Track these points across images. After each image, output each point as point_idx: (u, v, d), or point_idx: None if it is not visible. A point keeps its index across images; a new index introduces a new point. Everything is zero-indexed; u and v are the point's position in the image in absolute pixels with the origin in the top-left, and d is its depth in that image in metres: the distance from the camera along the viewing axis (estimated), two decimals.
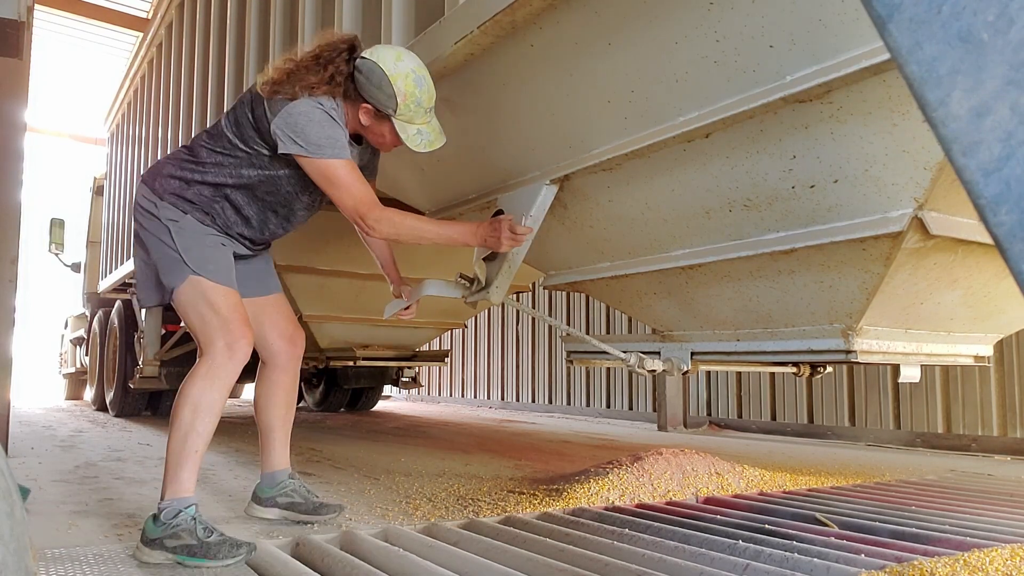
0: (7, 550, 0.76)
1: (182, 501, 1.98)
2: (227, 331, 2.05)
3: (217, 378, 2.03)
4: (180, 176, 2.10)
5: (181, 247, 2.05)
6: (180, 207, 2.08)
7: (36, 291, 11.93)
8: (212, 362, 2.03)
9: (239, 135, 2.07)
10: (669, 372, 2.36)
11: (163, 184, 2.10)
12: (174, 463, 2.01)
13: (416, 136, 2.07)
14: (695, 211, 1.98)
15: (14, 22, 2.40)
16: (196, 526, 1.93)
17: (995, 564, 1.81)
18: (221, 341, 2.04)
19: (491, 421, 7.67)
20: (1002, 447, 4.80)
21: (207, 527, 1.95)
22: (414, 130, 2.06)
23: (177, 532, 1.92)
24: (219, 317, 2.05)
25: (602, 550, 1.97)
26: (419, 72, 2.03)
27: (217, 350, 2.04)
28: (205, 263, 2.06)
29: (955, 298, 1.96)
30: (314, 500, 2.38)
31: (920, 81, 0.53)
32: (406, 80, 2.00)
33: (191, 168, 2.10)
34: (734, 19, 1.55)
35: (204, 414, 2.01)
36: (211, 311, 2.05)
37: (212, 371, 2.03)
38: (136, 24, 7.66)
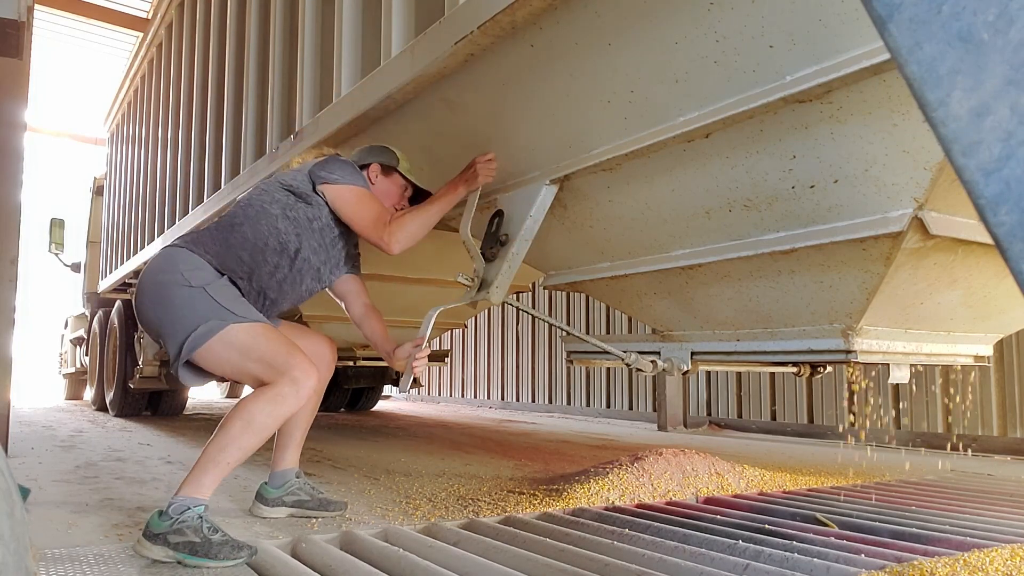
0: (7, 550, 0.76)
1: (194, 500, 1.99)
2: (295, 365, 2.09)
3: (279, 405, 2.07)
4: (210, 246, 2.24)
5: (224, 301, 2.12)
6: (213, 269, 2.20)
7: (36, 291, 11.93)
8: (280, 389, 2.07)
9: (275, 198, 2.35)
10: (669, 372, 2.36)
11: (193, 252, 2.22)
12: (203, 466, 2.03)
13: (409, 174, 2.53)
14: (695, 211, 1.98)
15: (14, 22, 2.40)
16: (202, 524, 1.94)
17: (995, 564, 1.81)
18: (289, 372, 2.07)
19: (491, 421, 7.67)
20: (1002, 447, 4.80)
21: (213, 527, 1.95)
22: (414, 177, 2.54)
23: (182, 528, 1.92)
24: (282, 353, 2.10)
25: (602, 550, 1.97)
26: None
27: (286, 380, 2.07)
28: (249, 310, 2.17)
29: (955, 298, 1.96)
30: (320, 496, 2.45)
31: (920, 81, 0.53)
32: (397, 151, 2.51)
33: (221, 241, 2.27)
34: (734, 19, 1.55)
35: (253, 433, 2.05)
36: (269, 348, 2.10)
37: (277, 397, 2.07)
38: (136, 24, 7.66)
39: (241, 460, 2.06)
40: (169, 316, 2.12)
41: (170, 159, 5.70)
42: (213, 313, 2.09)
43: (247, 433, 2.04)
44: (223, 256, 2.21)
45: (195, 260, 2.17)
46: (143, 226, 6.41)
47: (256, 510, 2.45)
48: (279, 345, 2.11)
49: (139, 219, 6.60)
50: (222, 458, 2.02)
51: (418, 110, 2.48)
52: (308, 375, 2.10)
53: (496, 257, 2.32)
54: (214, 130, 4.67)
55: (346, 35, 2.85)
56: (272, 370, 2.09)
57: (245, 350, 2.10)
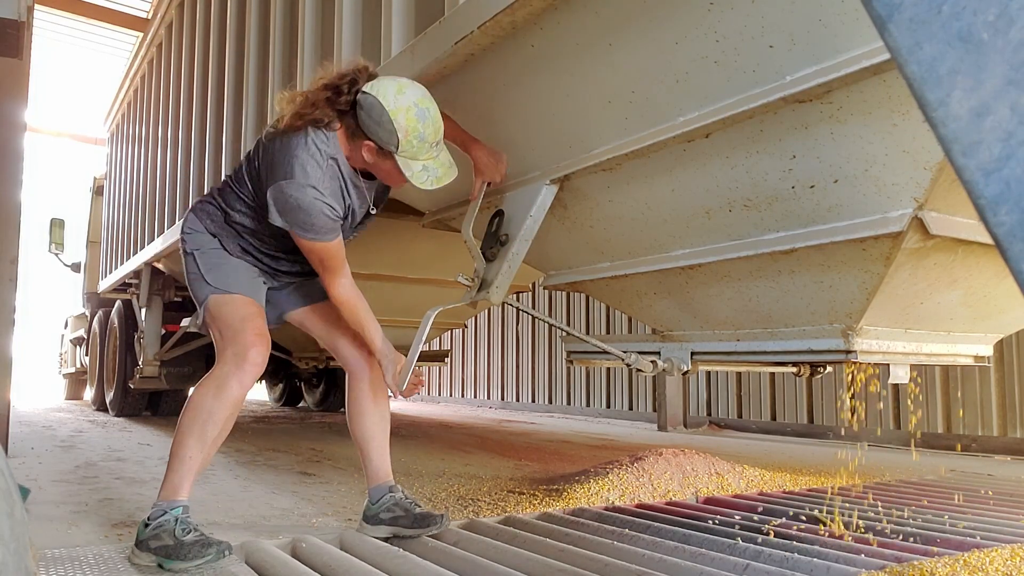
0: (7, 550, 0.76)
1: (171, 503, 1.97)
2: (235, 340, 2.05)
3: (222, 387, 2.02)
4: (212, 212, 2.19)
5: (203, 268, 2.13)
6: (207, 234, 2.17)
7: (36, 291, 11.93)
8: (219, 370, 2.04)
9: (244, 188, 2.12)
10: (669, 372, 2.35)
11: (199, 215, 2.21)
12: (170, 466, 2.01)
13: (422, 173, 1.97)
14: (695, 211, 1.98)
15: (14, 22, 2.40)
16: (176, 526, 1.91)
17: (995, 564, 1.81)
18: (229, 350, 2.05)
19: (491, 421, 7.67)
20: (1002, 447, 4.80)
21: (187, 528, 1.91)
22: (419, 167, 1.96)
23: (159, 533, 1.91)
24: (231, 328, 2.07)
25: (602, 550, 1.97)
26: (422, 105, 1.91)
27: (225, 359, 2.05)
28: (224, 277, 2.12)
29: (955, 298, 1.96)
30: (416, 511, 2.20)
31: (920, 81, 0.53)
32: (407, 115, 1.89)
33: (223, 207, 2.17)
34: (734, 19, 1.55)
35: (203, 421, 2.00)
36: (224, 323, 2.09)
37: (218, 379, 2.03)
38: (136, 24, 7.65)
39: (204, 451, 2.01)
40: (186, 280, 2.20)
41: (170, 159, 5.70)
42: (198, 283, 2.14)
43: (197, 422, 2.00)
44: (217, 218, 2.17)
45: (193, 222, 2.20)
46: (143, 226, 6.41)
47: (363, 529, 2.24)
48: (232, 319, 2.08)
49: (139, 219, 6.60)
50: (183, 453, 2.00)
51: None
52: (249, 346, 2.03)
53: (496, 257, 2.32)
54: (214, 130, 4.67)
55: (346, 35, 2.85)
56: (221, 343, 2.09)
57: (213, 320, 2.11)
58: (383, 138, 1.92)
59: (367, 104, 1.91)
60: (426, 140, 1.93)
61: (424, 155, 1.95)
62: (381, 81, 1.94)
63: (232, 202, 2.15)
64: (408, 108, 1.89)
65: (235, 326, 2.07)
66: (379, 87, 1.91)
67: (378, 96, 1.90)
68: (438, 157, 1.99)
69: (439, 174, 2.00)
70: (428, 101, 1.94)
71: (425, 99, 1.94)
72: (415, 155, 1.95)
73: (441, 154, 2.00)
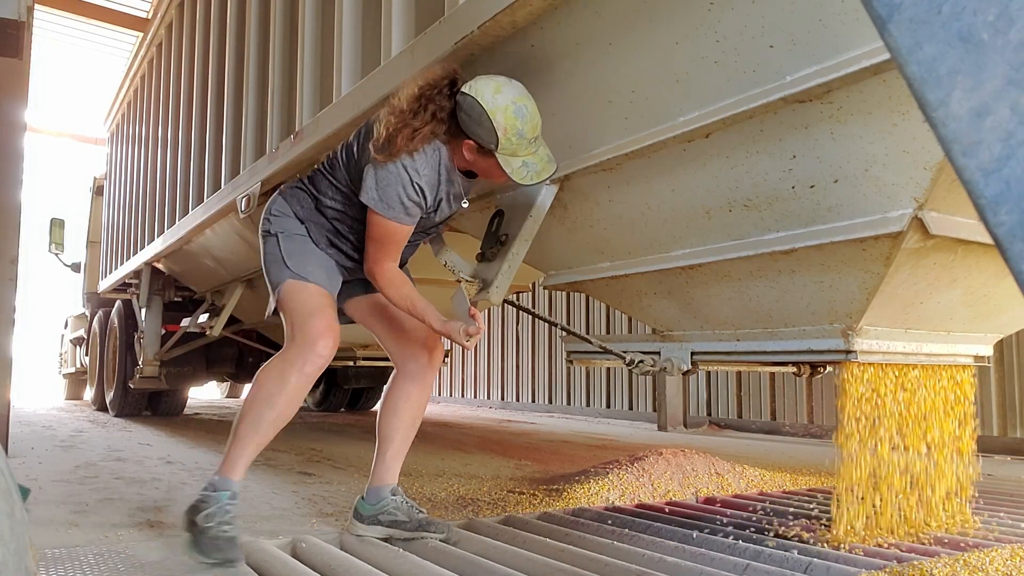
0: (7, 550, 0.76)
1: (222, 482, 2.01)
2: (304, 329, 2.06)
3: (284, 372, 2.04)
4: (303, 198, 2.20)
5: (285, 251, 2.13)
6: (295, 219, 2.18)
7: (36, 291, 11.93)
8: (285, 356, 2.06)
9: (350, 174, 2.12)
10: (669, 372, 2.36)
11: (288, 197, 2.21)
12: (229, 443, 2.05)
13: (522, 169, 1.98)
14: (695, 211, 1.98)
15: (14, 22, 2.40)
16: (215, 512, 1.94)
17: (995, 564, 1.81)
18: (299, 338, 2.06)
19: (491, 421, 7.67)
20: (1002, 447, 4.80)
21: (224, 519, 1.94)
22: (519, 163, 1.98)
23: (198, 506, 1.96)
24: (302, 316, 2.08)
25: (602, 550, 1.97)
26: (520, 102, 1.93)
27: (293, 346, 2.06)
28: (303, 265, 2.12)
29: (955, 298, 1.96)
30: (418, 517, 2.19)
31: (920, 81, 0.53)
32: (505, 113, 1.91)
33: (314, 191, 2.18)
34: (734, 19, 1.55)
35: (262, 403, 2.02)
36: (297, 310, 2.09)
37: (282, 365, 2.05)
38: (136, 24, 7.65)
39: (260, 433, 2.03)
40: (263, 261, 2.20)
41: (170, 159, 5.70)
42: (276, 266, 2.14)
43: (256, 404, 2.02)
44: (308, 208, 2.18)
45: (282, 205, 2.20)
46: (143, 226, 6.41)
47: (352, 528, 2.22)
48: (305, 307, 2.09)
49: (139, 219, 6.60)
50: (239, 432, 2.03)
51: None
52: (318, 337, 2.05)
53: (496, 257, 2.32)
54: (214, 130, 4.67)
55: (346, 35, 2.85)
56: (291, 329, 2.09)
57: (286, 305, 2.12)
58: (483, 137, 1.95)
59: (466, 105, 1.94)
60: (525, 136, 1.95)
61: (524, 151, 1.97)
62: (479, 80, 1.96)
63: (324, 188, 2.16)
64: (506, 107, 1.92)
65: (306, 315, 2.08)
66: (477, 87, 1.94)
67: (477, 96, 1.92)
68: (537, 152, 2.01)
69: (538, 169, 2.01)
70: (526, 98, 1.96)
71: (523, 96, 1.95)
72: (515, 152, 1.96)
73: (540, 149, 2.02)
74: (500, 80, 1.96)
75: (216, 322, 5.53)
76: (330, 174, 2.16)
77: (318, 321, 2.07)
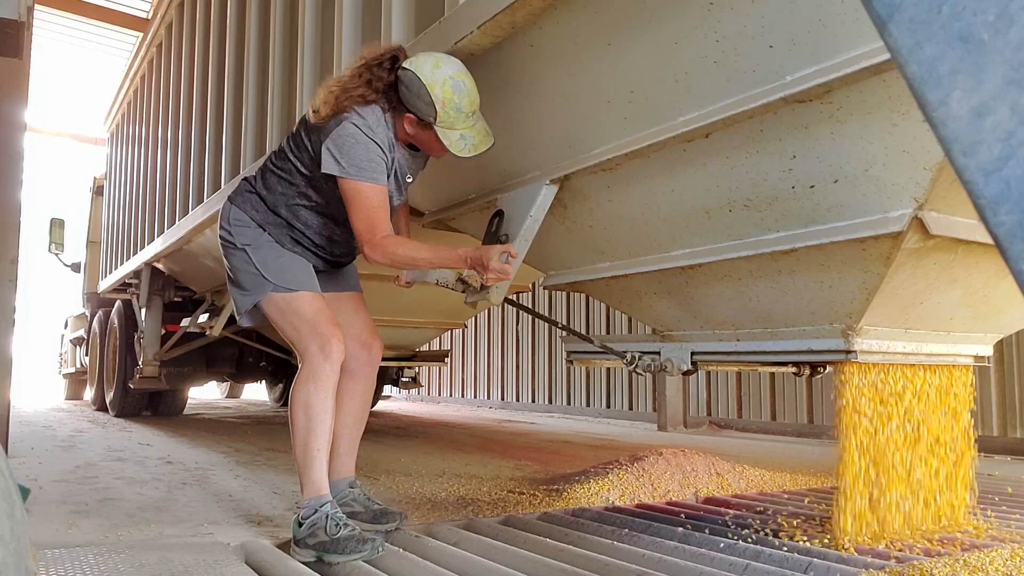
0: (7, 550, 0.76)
1: (318, 500, 2.06)
2: (317, 334, 2.12)
3: (318, 380, 2.10)
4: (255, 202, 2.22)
5: (260, 264, 2.16)
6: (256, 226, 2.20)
7: (36, 291, 11.93)
8: (310, 365, 2.12)
9: (301, 159, 2.14)
10: (669, 372, 2.36)
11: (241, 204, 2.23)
12: (302, 466, 2.10)
13: (460, 141, 2.07)
14: (695, 211, 1.98)
15: (14, 22, 2.40)
16: (328, 523, 1.99)
17: (995, 564, 1.81)
18: (314, 345, 2.12)
19: (491, 421, 7.67)
20: (1002, 447, 4.80)
21: (339, 522, 2.00)
22: (456, 135, 2.06)
23: (315, 531, 2.00)
24: (307, 323, 2.14)
25: (602, 550, 1.97)
26: (458, 77, 2.02)
27: (312, 354, 2.12)
28: (283, 274, 2.16)
29: (955, 298, 1.96)
30: (374, 508, 2.30)
31: (920, 81, 0.53)
32: (444, 87, 2.00)
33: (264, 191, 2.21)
34: (734, 19, 1.55)
35: (316, 415, 2.09)
36: (299, 319, 2.14)
37: (312, 374, 2.11)
38: (136, 24, 7.65)
39: (327, 440, 2.11)
40: (230, 275, 2.24)
41: (170, 159, 5.70)
42: (254, 280, 2.17)
43: (310, 418, 2.09)
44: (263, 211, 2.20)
45: (238, 214, 2.22)
46: (143, 226, 6.41)
47: None
48: (306, 315, 2.15)
49: (139, 219, 6.60)
50: (309, 451, 2.09)
51: None
52: (331, 336, 2.12)
53: None
54: (214, 130, 4.67)
55: (346, 35, 2.85)
56: (300, 340, 2.14)
57: (280, 315, 2.17)
58: (423, 110, 2.04)
59: (407, 79, 2.03)
60: (463, 111, 2.03)
61: (461, 124, 2.06)
62: (419, 56, 2.06)
63: (274, 185, 2.19)
64: (444, 81, 2.00)
65: (311, 321, 2.13)
66: (417, 62, 2.03)
67: (416, 71, 2.02)
68: (475, 126, 2.08)
69: (475, 142, 2.09)
70: (464, 74, 2.04)
71: (461, 73, 2.03)
72: (452, 125, 2.05)
73: (478, 123, 2.09)
74: (440, 56, 2.06)
75: (216, 322, 5.54)
76: (280, 169, 2.19)
77: (324, 324, 2.13)
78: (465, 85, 2.03)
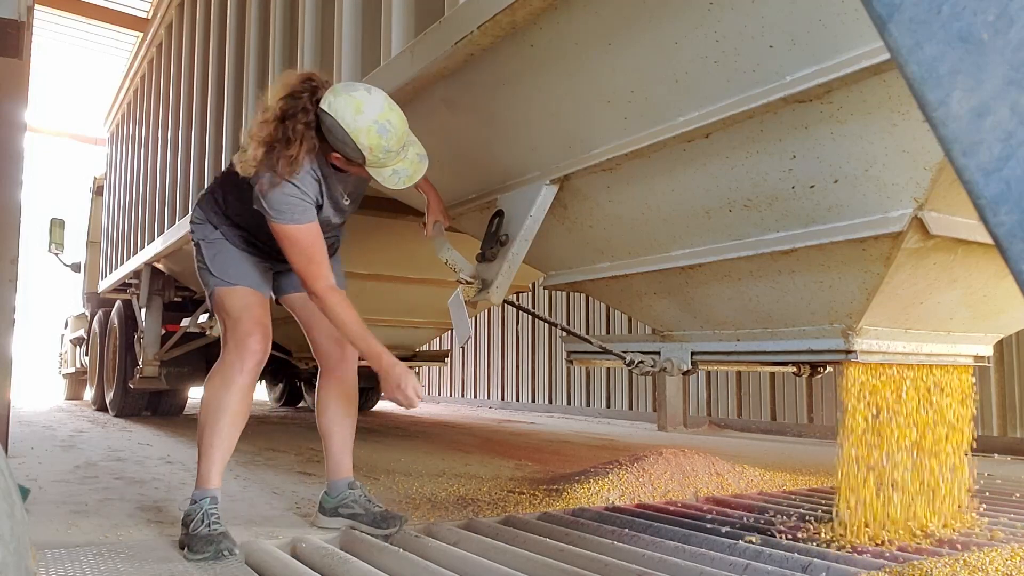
0: (7, 550, 0.76)
1: (201, 493, 2.11)
2: (235, 330, 2.16)
3: (225, 376, 2.14)
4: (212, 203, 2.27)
5: (208, 258, 2.23)
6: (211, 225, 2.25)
7: (36, 291, 11.92)
8: (222, 361, 2.16)
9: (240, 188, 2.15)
10: (669, 372, 2.36)
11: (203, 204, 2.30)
12: (199, 458, 2.15)
13: (392, 177, 2.00)
14: (695, 211, 1.98)
15: (14, 22, 2.40)
16: (198, 517, 2.02)
17: (995, 564, 1.81)
18: (231, 340, 2.16)
19: (491, 421, 7.67)
20: (1002, 447, 4.80)
21: (208, 520, 2.02)
22: (388, 171, 1.99)
23: (185, 522, 2.04)
24: (232, 318, 2.18)
25: (602, 550, 1.97)
26: (382, 119, 1.91)
27: (227, 350, 2.16)
28: (225, 269, 2.21)
29: (955, 298, 1.96)
30: (375, 511, 2.27)
31: (920, 81, 0.53)
32: (368, 135, 1.90)
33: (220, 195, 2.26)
34: (734, 19, 1.55)
35: (215, 411, 2.12)
36: (226, 313, 2.19)
37: (221, 369, 2.15)
38: (136, 24, 7.65)
39: (223, 440, 2.12)
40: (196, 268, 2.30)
41: (170, 159, 5.70)
42: (204, 274, 2.24)
43: (210, 414, 2.13)
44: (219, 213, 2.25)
45: (199, 213, 2.29)
46: (143, 226, 6.41)
47: (316, 520, 2.37)
48: (233, 309, 2.19)
49: (139, 219, 6.60)
50: (203, 444, 2.14)
51: (418, 110, 2.48)
52: (247, 335, 2.13)
53: (496, 257, 2.32)
54: (214, 130, 4.67)
55: (346, 35, 2.85)
56: (225, 333, 2.19)
57: (217, 309, 2.23)
58: (349, 154, 1.95)
59: (329, 123, 1.92)
60: (391, 150, 1.94)
61: (392, 162, 1.97)
62: (338, 97, 1.92)
63: (228, 191, 2.22)
64: (369, 128, 1.89)
65: (235, 316, 2.17)
66: (337, 107, 1.90)
67: (337, 118, 1.90)
68: (406, 157, 2.01)
69: (409, 173, 2.02)
70: (388, 111, 1.92)
71: (385, 111, 1.92)
72: (383, 164, 1.97)
73: (409, 152, 2.01)
74: (359, 95, 1.91)
75: (216, 322, 5.53)
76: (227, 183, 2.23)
77: (245, 321, 2.16)
78: (391, 124, 1.92)
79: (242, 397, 2.15)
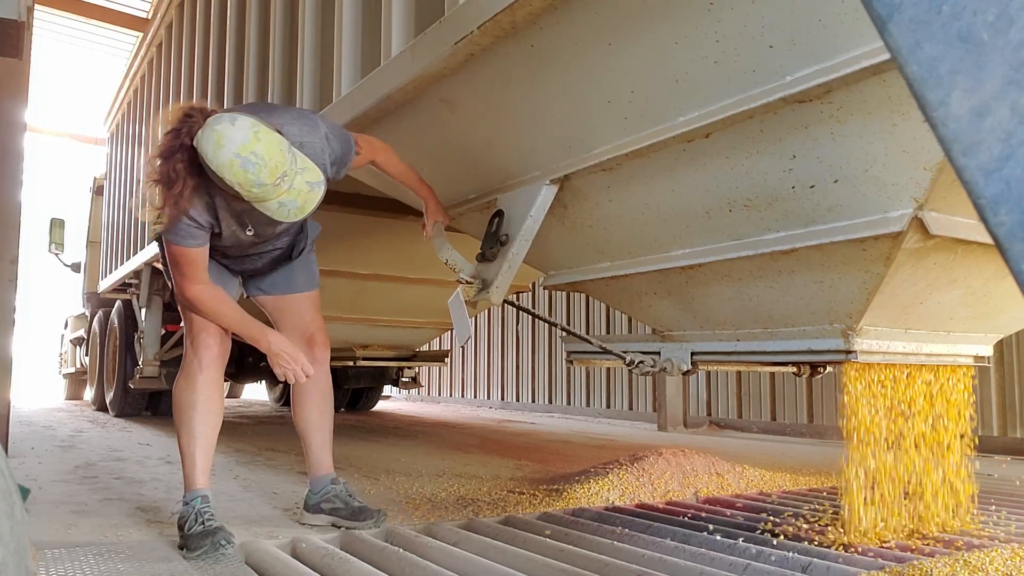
0: (7, 550, 0.76)
1: (190, 495, 2.14)
2: (190, 329, 2.21)
3: (187, 376, 2.20)
4: None
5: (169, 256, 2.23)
6: None
7: (36, 291, 11.92)
8: (184, 361, 2.23)
9: None
10: (669, 372, 2.36)
11: None
12: (182, 461, 2.20)
13: (280, 210, 1.85)
14: (695, 211, 1.98)
15: (14, 22, 2.40)
16: (190, 518, 2.05)
17: (995, 564, 1.81)
18: (188, 339, 2.21)
19: (491, 421, 7.67)
20: (1002, 447, 4.80)
21: (201, 519, 2.04)
22: (274, 204, 1.84)
23: (180, 525, 2.06)
24: (187, 320, 2.21)
25: (602, 550, 1.97)
26: (244, 153, 1.75)
27: (186, 350, 2.22)
28: None
29: (955, 298, 1.96)
30: (354, 505, 2.33)
31: (920, 81, 0.53)
32: (232, 170, 1.76)
33: None
34: (734, 19, 1.55)
35: (185, 412, 2.19)
36: (184, 314, 2.22)
37: (183, 370, 2.22)
38: (136, 24, 7.65)
39: (202, 439, 2.17)
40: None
41: None
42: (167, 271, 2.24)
43: (182, 416, 2.20)
44: None
45: None
46: (143, 226, 6.41)
47: (302, 518, 2.43)
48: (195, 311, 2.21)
49: (139, 219, 6.59)
50: (182, 447, 2.21)
51: (418, 110, 2.48)
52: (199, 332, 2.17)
53: (496, 257, 2.32)
54: None
55: (346, 35, 2.85)
56: (185, 334, 2.23)
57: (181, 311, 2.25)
58: (227, 189, 1.84)
59: (200, 158, 1.83)
60: (265, 184, 1.79)
61: (272, 195, 1.82)
62: (204, 131, 1.81)
63: None
64: (231, 163, 1.76)
65: (190, 317, 2.20)
66: (201, 141, 1.80)
67: (202, 154, 1.80)
68: (292, 187, 1.84)
69: (299, 205, 1.87)
70: (252, 142, 1.77)
71: (249, 143, 1.76)
72: (264, 198, 1.83)
73: (295, 181, 1.84)
74: (221, 128, 1.78)
75: None
76: None
77: (196, 320, 2.19)
78: (257, 155, 1.76)
79: (208, 394, 2.18)
